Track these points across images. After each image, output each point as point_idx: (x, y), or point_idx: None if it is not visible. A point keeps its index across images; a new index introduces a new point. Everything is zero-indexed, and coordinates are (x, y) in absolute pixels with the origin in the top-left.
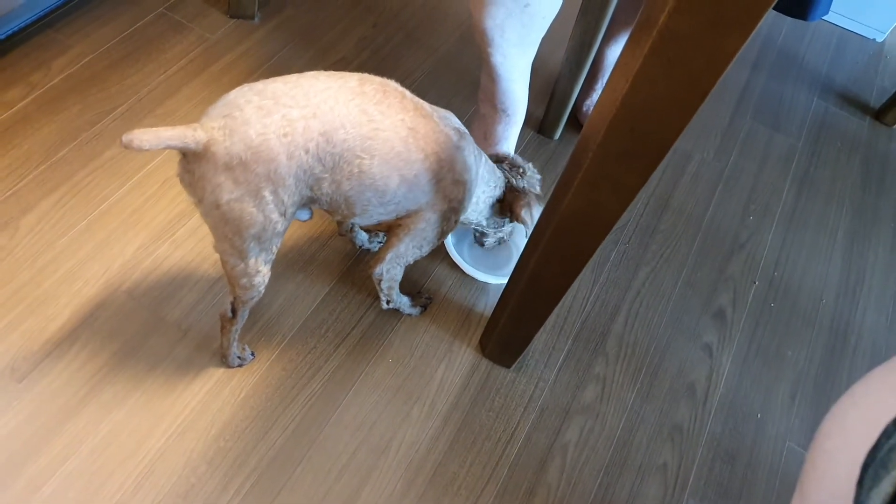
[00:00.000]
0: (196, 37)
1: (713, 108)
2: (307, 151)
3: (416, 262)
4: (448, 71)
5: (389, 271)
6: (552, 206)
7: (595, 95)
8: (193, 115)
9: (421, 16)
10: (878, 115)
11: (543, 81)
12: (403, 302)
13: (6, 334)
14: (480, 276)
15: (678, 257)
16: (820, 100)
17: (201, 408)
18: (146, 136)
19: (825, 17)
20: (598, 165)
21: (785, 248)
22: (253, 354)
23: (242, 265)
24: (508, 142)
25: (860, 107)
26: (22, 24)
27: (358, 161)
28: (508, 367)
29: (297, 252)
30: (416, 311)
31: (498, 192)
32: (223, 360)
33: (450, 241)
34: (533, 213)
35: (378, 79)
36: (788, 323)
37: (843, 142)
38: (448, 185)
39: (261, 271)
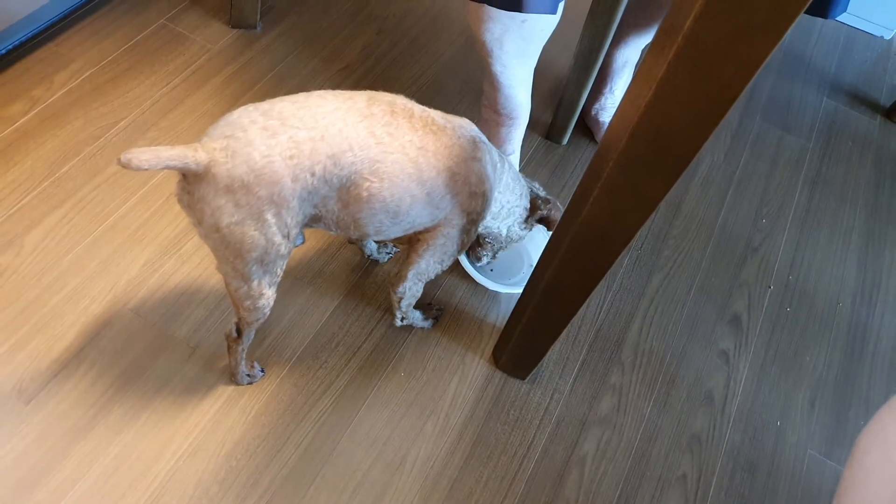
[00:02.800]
0: (198, 48)
1: None
2: (313, 174)
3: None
4: (453, 77)
5: (411, 289)
6: (569, 217)
7: (604, 100)
8: (197, 128)
9: (424, 22)
10: (889, 113)
11: (551, 86)
12: (416, 316)
13: (12, 355)
14: (492, 285)
15: (691, 263)
16: (829, 99)
17: (212, 427)
18: (145, 156)
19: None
20: (618, 174)
21: (799, 250)
22: (263, 371)
23: (246, 288)
24: (513, 143)
25: (870, 105)
26: (22, 39)
27: (367, 184)
28: (523, 378)
29: (306, 265)
30: (428, 323)
31: (525, 202)
32: (232, 379)
33: (465, 261)
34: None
35: (387, 97)
36: (805, 327)
37: (854, 141)
38: (465, 198)
39: (265, 294)
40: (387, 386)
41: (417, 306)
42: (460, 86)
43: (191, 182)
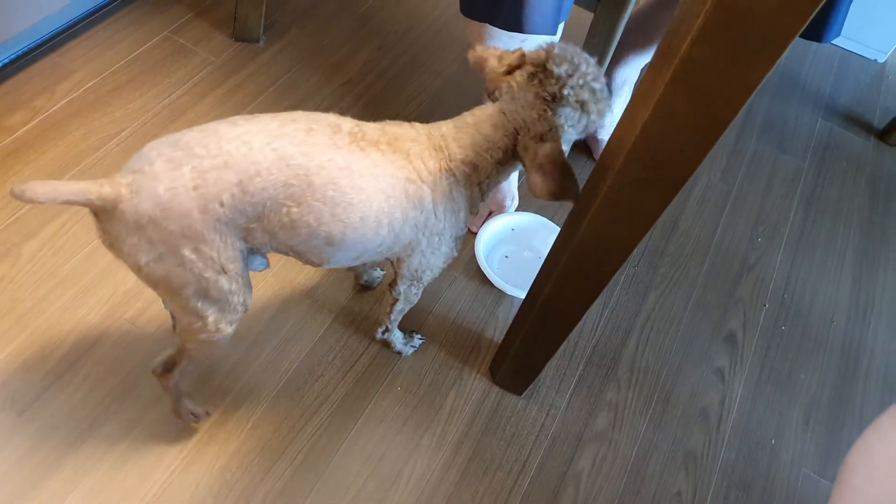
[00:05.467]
0: (201, 60)
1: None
2: (222, 204)
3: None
4: (453, 93)
5: (407, 291)
6: (567, 232)
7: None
8: None
9: (426, 39)
10: (882, 135)
11: None
12: (398, 336)
13: (7, 364)
14: (510, 290)
15: (687, 280)
16: (824, 120)
17: (207, 439)
18: (41, 189)
19: None
20: (616, 192)
21: (794, 269)
22: (208, 413)
23: (200, 323)
24: None
25: (864, 127)
26: (25, 49)
27: (286, 209)
28: (519, 394)
29: (304, 277)
30: (405, 348)
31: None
32: (175, 416)
33: (481, 253)
34: (540, 183)
35: (310, 116)
36: (800, 346)
37: (848, 162)
38: (421, 221)
39: (221, 330)
40: (383, 400)
41: (401, 328)
42: (460, 102)
43: (102, 220)
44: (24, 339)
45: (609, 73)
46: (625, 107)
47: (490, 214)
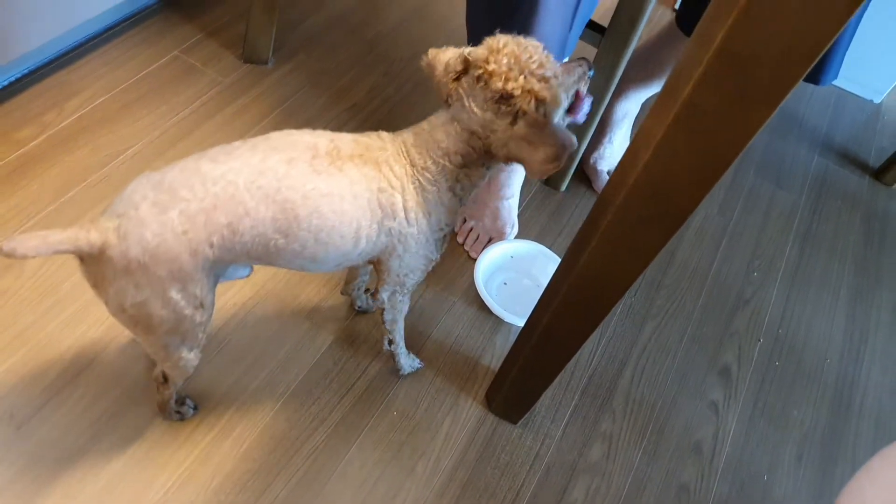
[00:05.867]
0: (209, 80)
1: None
2: (212, 245)
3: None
4: None
5: (391, 298)
6: (567, 264)
7: (603, 149)
8: None
9: None
10: (878, 174)
11: None
12: (402, 350)
13: (7, 378)
14: (508, 317)
15: (683, 312)
16: (820, 158)
17: (203, 458)
18: (31, 243)
19: None
20: (616, 227)
21: (789, 304)
22: (195, 408)
23: (164, 354)
24: (512, 188)
25: (860, 166)
26: (37, 65)
27: (273, 241)
28: (515, 422)
29: (304, 298)
30: (408, 366)
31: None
32: (161, 414)
33: (480, 279)
34: (535, 157)
35: (288, 139)
36: (794, 382)
37: (843, 200)
38: (395, 228)
39: (184, 358)
40: (379, 424)
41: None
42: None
43: (88, 263)
44: (24, 354)
45: (610, 106)
46: (626, 138)
47: (490, 241)
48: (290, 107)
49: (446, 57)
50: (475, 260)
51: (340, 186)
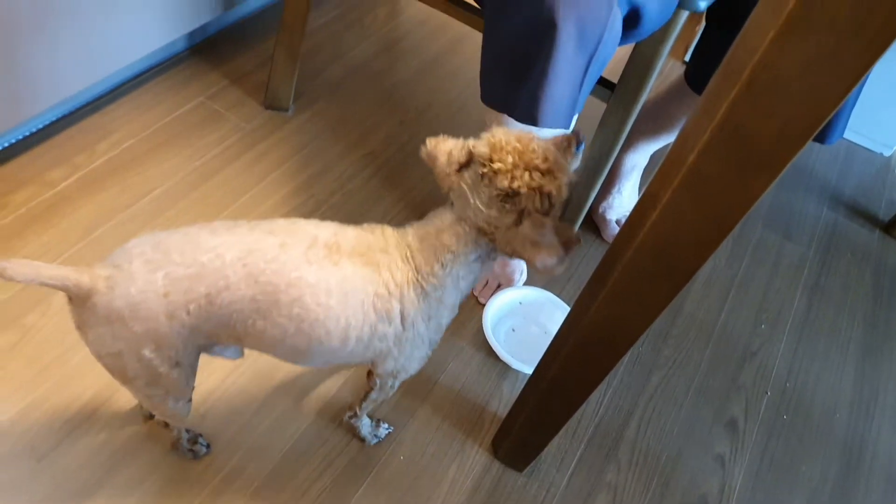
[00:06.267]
0: (232, 125)
1: None
2: (188, 313)
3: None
4: None
5: (383, 384)
6: (575, 316)
7: (612, 199)
8: (226, 201)
9: (444, 117)
10: (888, 228)
11: None
12: (365, 423)
13: (30, 412)
14: (515, 364)
15: (690, 363)
16: (830, 210)
17: (213, 497)
18: (22, 269)
19: None
20: (624, 283)
21: (797, 358)
22: (208, 447)
23: (149, 403)
24: None
25: (869, 219)
26: (71, 109)
27: (252, 321)
28: (520, 471)
29: None
30: (371, 438)
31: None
32: (174, 451)
33: (488, 325)
34: (550, 263)
35: (290, 227)
36: (802, 436)
37: (853, 253)
38: (390, 333)
39: (172, 407)
40: (386, 469)
41: (370, 414)
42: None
43: (75, 304)
44: (47, 388)
45: (619, 158)
46: (635, 189)
47: (499, 287)
48: (308, 153)
49: (447, 147)
50: (484, 305)
51: (331, 281)
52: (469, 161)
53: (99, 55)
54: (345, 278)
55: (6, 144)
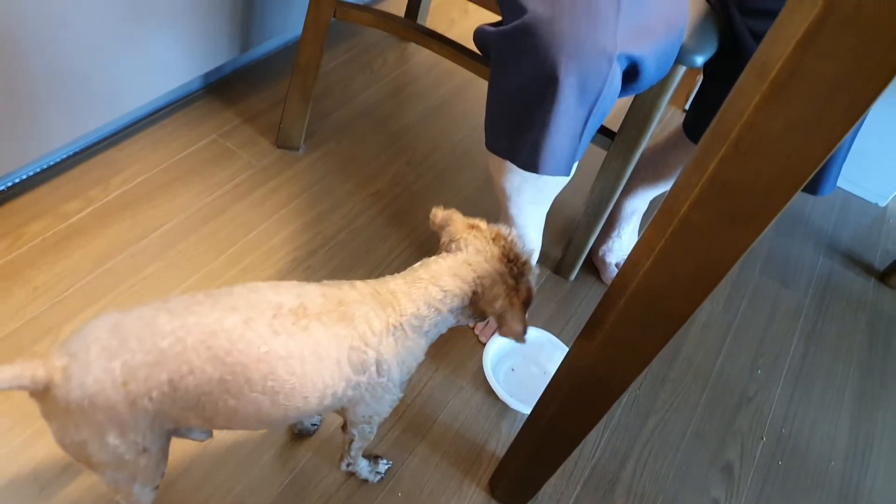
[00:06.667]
0: (244, 163)
1: None
2: (151, 399)
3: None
4: (471, 209)
5: (360, 431)
6: (573, 358)
7: (611, 242)
8: (235, 237)
9: (450, 159)
10: (883, 277)
11: (562, 225)
12: (362, 466)
13: (34, 441)
14: (514, 404)
15: (687, 407)
16: (826, 258)
17: None
18: None
19: None
20: (619, 328)
21: (793, 404)
22: None
23: (114, 489)
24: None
25: (865, 268)
26: (87, 144)
27: (222, 402)
28: None
29: None
30: (373, 477)
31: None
32: None
33: (488, 365)
34: (521, 331)
35: (251, 298)
36: (797, 483)
37: (848, 301)
38: (363, 381)
39: (137, 494)
40: None
41: (365, 454)
42: (478, 217)
43: (36, 397)
44: None
45: (619, 202)
46: (634, 233)
47: None
48: (317, 191)
49: (459, 216)
50: (484, 345)
51: (302, 348)
52: (479, 227)
53: (118, 94)
54: (317, 343)
55: (23, 177)
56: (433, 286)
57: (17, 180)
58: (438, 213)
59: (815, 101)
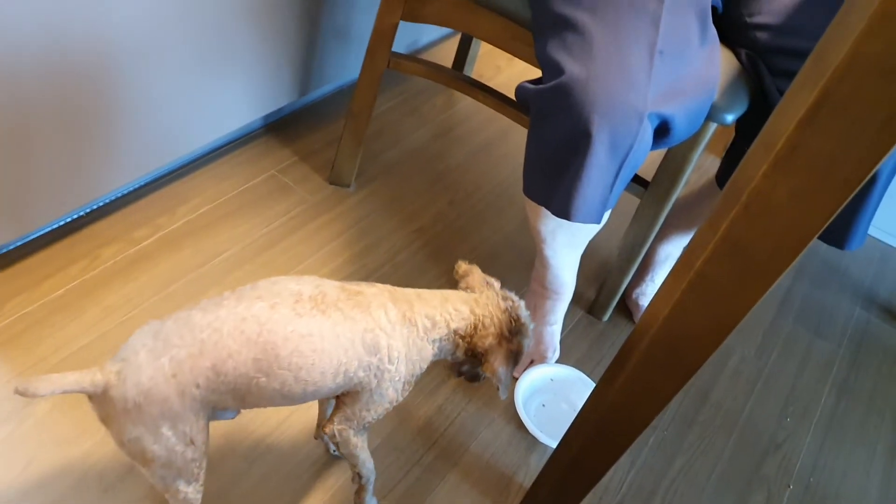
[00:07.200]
0: (298, 198)
1: (756, 308)
2: (198, 387)
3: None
4: (509, 249)
5: (341, 433)
6: (598, 396)
7: (645, 286)
8: (287, 266)
9: (490, 199)
10: None
11: (597, 267)
12: (369, 493)
13: (100, 447)
14: (544, 438)
15: (714, 451)
16: (862, 310)
17: None
18: (41, 385)
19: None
20: (639, 370)
21: (822, 454)
22: None
23: (162, 486)
24: (556, 315)
25: None
26: (157, 175)
27: (255, 381)
28: None
29: None
30: None
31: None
32: None
33: (519, 399)
34: (500, 372)
35: (273, 288)
36: None
37: (884, 354)
38: (374, 364)
39: (183, 491)
40: None
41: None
42: (514, 258)
43: (95, 401)
44: None
45: (653, 247)
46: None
47: (531, 363)
48: (364, 226)
49: (478, 271)
50: (516, 380)
51: (321, 327)
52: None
53: (188, 131)
54: (335, 323)
55: (100, 204)
56: (445, 301)
57: (94, 207)
58: (462, 266)
59: (815, 174)
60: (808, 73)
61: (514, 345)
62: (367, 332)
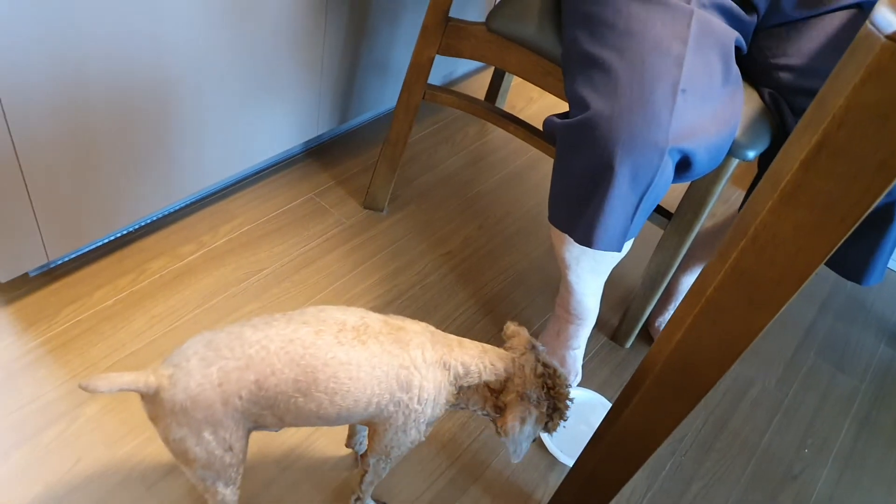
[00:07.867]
0: (334, 220)
1: (778, 339)
2: (241, 398)
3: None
4: (535, 274)
5: (376, 465)
6: (613, 416)
7: (667, 314)
8: (322, 285)
9: (519, 225)
10: None
11: (620, 295)
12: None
13: (145, 446)
14: (563, 458)
15: (731, 478)
16: (887, 347)
17: None
18: (101, 382)
19: (894, 270)
20: (652, 391)
21: (839, 488)
22: None
23: (202, 486)
24: (579, 340)
25: None
26: (203, 195)
27: (294, 400)
28: None
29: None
30: None
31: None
32: None
33: None
34: (521, 429)
35: (320, 315)
36: None
37: None
38: (404, 401)
39: (220, 492)
40: None
41: (375, 498)
42: (541, 283)
43: (146, 400)
44: None
45: (676, 277)
46: None
47: None
48: (395, 249)
49: (525, 333)
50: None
51: (360, 357)
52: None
53: (234, 154)
54: (372, 354)
55: (150, 220)
56: (483, 352)
57: (144, 223)
58: (510, 327)
59: (816, 211)
60: (811, 117)
61: (541, 408)
62: (403, 368)
